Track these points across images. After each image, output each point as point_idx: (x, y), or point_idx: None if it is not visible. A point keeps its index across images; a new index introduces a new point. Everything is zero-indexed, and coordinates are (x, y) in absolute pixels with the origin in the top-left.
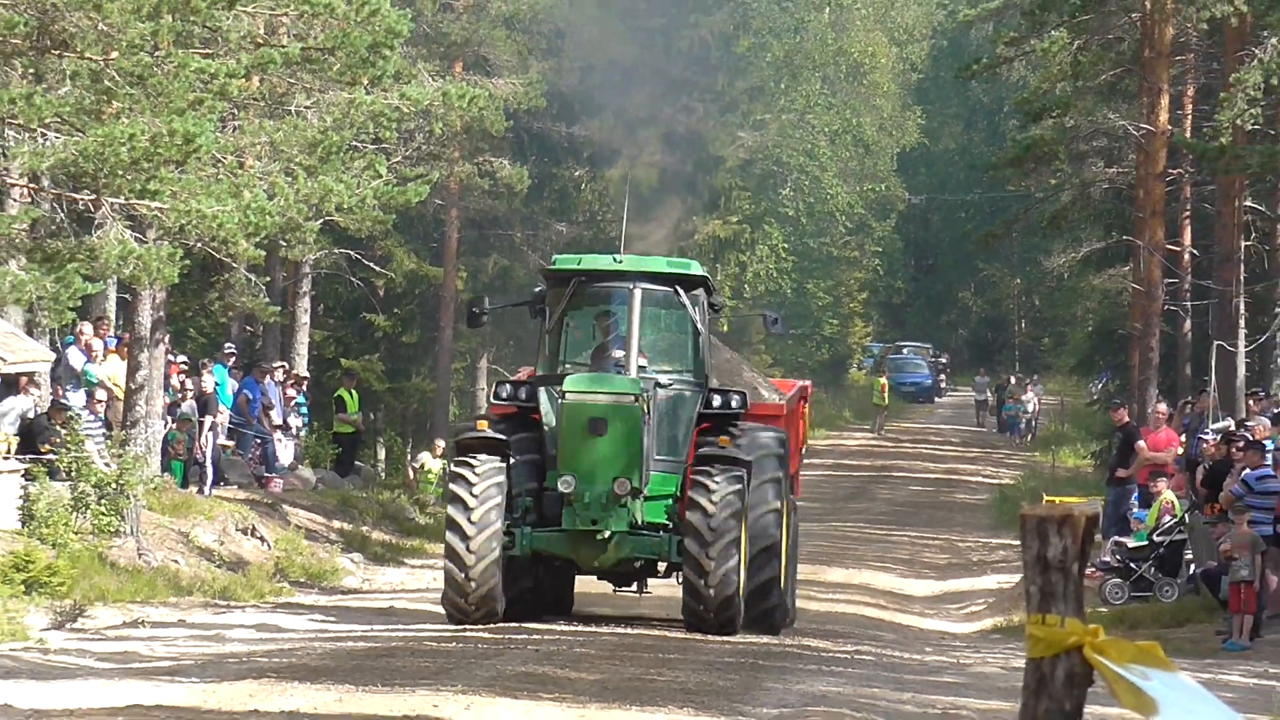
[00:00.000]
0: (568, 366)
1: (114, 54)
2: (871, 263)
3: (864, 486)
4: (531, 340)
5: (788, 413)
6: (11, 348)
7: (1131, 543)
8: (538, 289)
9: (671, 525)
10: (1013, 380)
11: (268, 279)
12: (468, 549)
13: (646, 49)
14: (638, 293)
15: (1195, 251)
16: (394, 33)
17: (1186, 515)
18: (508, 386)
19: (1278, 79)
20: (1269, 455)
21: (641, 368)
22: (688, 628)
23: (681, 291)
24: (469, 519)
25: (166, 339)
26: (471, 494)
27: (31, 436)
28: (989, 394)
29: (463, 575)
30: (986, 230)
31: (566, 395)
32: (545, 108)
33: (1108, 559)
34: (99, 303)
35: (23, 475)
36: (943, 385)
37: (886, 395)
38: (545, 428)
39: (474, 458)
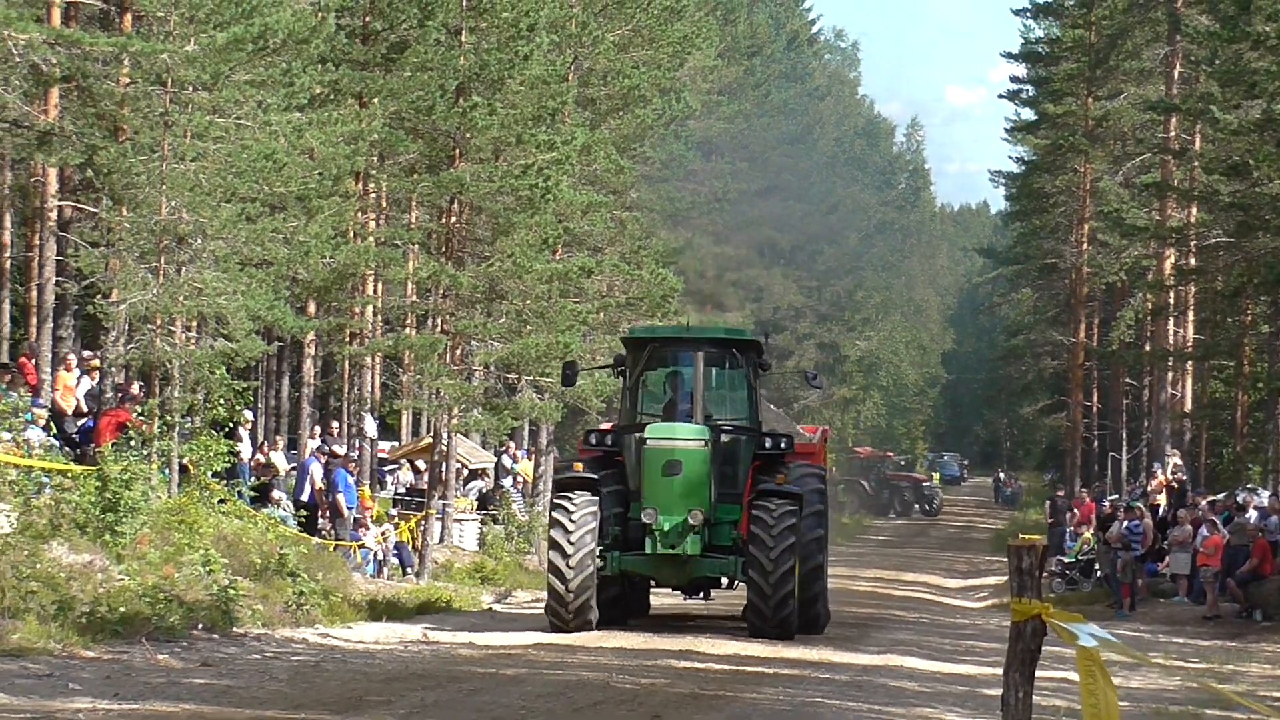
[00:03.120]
0: (644, 417)
1: (529, 301)
2: (927, 411)
3: (924, 529)
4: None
5: (812, 451)
6: (474, 454)
7: (1066, 560)
8: (619, 355)
9: (735, 547)
10: (1005, 475)
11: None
12: (567, 567)
13: (809, 298)
14: (700, 354)
15: (1099, 405)
16: (674, 289)
17: (1096, 545)
18: (595, 434)
19: (1140, 316)
20: (1135, 514)
21: (707, 417)
22: (750, 633)
23: (737, 353)
24: (568, 543)
25: (554, 449)
26: (570, 522)
27: (484, 502)
28: (997, 483)
29: (563, 589)
30: (988, 394)
31: (647, 441)
32: (752, 328)
33: (1053, 568)
34: (518, 432)
35: (479, 522)
36: (965, 476)
37: (936, 480)
38: (627, 467)
39: (572, 493)
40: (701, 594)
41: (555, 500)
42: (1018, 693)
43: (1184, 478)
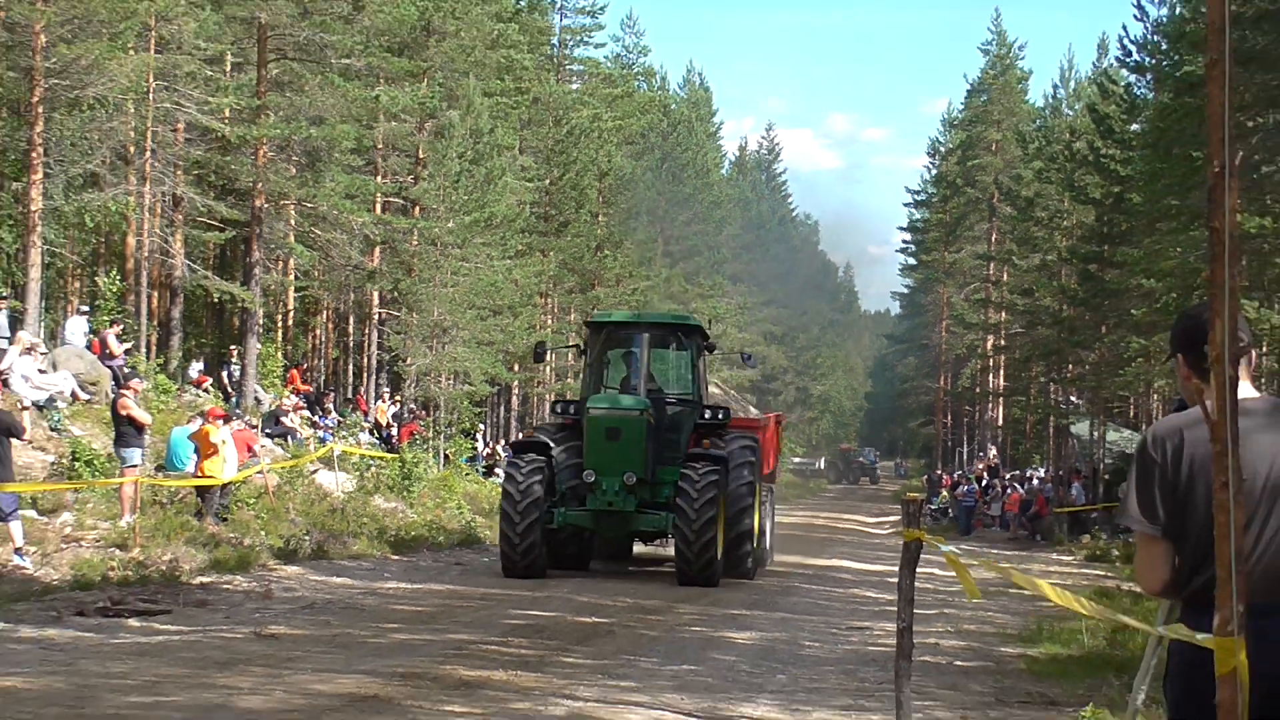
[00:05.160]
0: (605, 390)
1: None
2: (856, 425)
3: (853, 491)
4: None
5: (764, 428)
6: None
7: (934, 507)
8: (584, 338)
9: (669, 504)
10: (900, 460)
11: None
12: (514, 522)
13: (791, 362)
14: (647, 335)
15: (951, 422)
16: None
17: (950, 499)
18: (562, 404)
19: (974, 373)
20: (971, 481)
21: (651, 390)
22: (679, 581)
23: (683, 335)
24: (516, 499)
25: None
26: (519, 480)
27: None
28: (895, 464)
29: (511, 540)
30: (891, 415)
31: (590, 410)
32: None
33: (926, 512)
34: None
35: None
36: (877, 461)
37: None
38: (584, 434)
39: (523, 454)
40: (656, 542)
41: (509, 461)
42: (907, 580)
43: (997, 462)
